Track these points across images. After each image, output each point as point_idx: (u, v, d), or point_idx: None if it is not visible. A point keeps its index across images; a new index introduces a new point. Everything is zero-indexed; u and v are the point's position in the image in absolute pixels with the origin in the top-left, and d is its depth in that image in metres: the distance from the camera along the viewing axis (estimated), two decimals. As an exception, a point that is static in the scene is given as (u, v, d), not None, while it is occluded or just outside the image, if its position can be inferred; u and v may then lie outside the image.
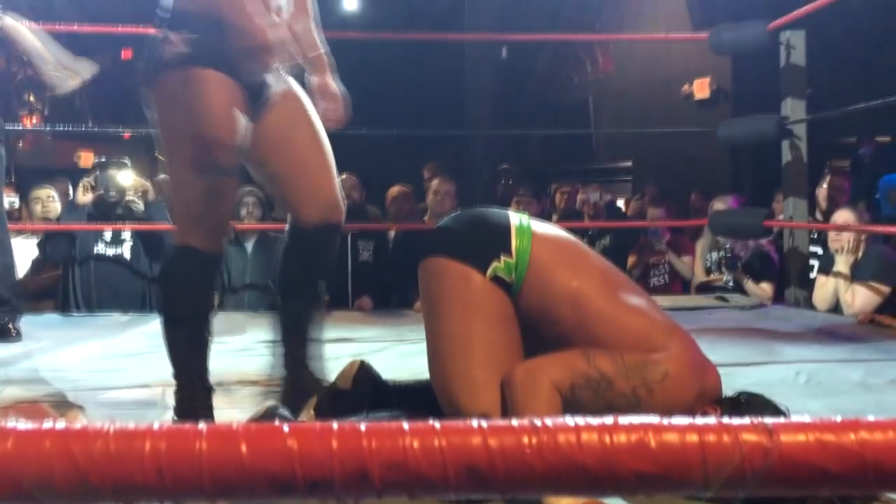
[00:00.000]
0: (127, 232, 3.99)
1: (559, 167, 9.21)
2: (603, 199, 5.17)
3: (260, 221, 4.16)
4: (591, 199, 4.96)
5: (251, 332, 3.28)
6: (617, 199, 7.36)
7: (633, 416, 0.55)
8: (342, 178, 2.35)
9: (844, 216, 3.56)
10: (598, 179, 7.79)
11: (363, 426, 0.52)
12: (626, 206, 6.51)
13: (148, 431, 0.50)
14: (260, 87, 1.85)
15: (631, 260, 4.82)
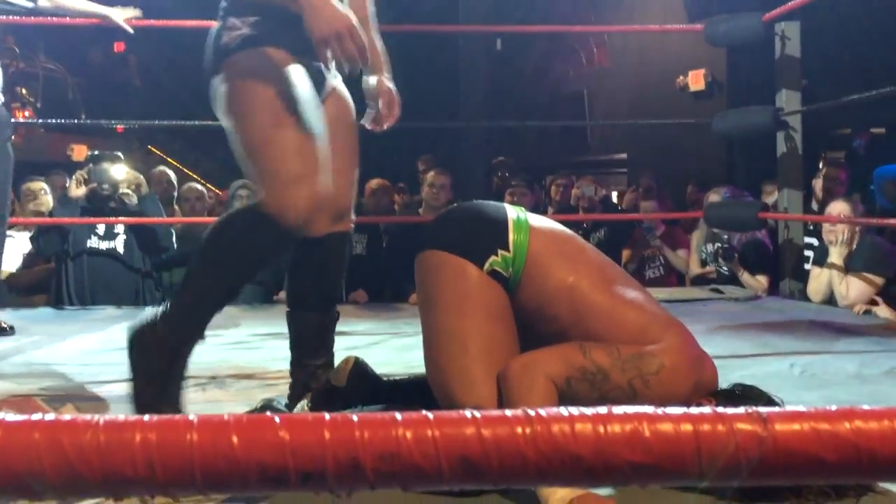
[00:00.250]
0: (120, 226, 3.98)
1: (554, 159, 9.20)
2: (598, 194, 5.11)
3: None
4: (585, 193, 4.93)
5: (246, 325, 3.28)
6: (612, 191, 7.35)
7: (627, 405, 0.54)
8: None
9: (839, 208, 3.56)
10: (593, 171, 7.79)
11: (355, 417, 0.51)
12: (619, 198, 6.49)
13: (138, 423, 0.50)
14: (320, 77, 1.77)
15: (626, 254, 4.82)
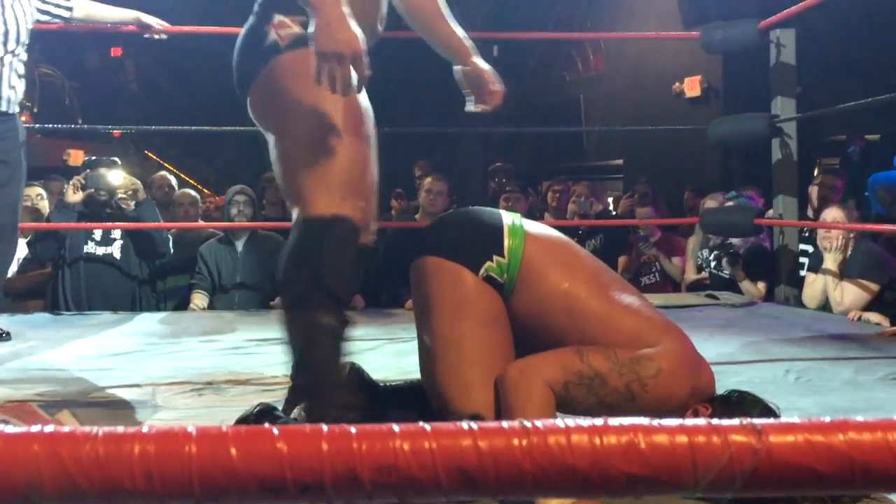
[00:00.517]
0: (117, 231, 3.98)
1: (551, 165, 9.23)
2: (594, 208, 5.05)
3: (250, 220, 4.15)
4: (581, 209, 4.87)
5: (241, 331, 3.28)
6: (608, 198, 7.35)
7: (624, 416, 0.55)
8: None
9: (834, 214, 3.57)
10: (589, 177, 7.81)
11: (353, 429, 0.52)
12: (614, 204, 6.50)
13: (137, 435, 0.50)
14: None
15: (622, 260, 4.82)
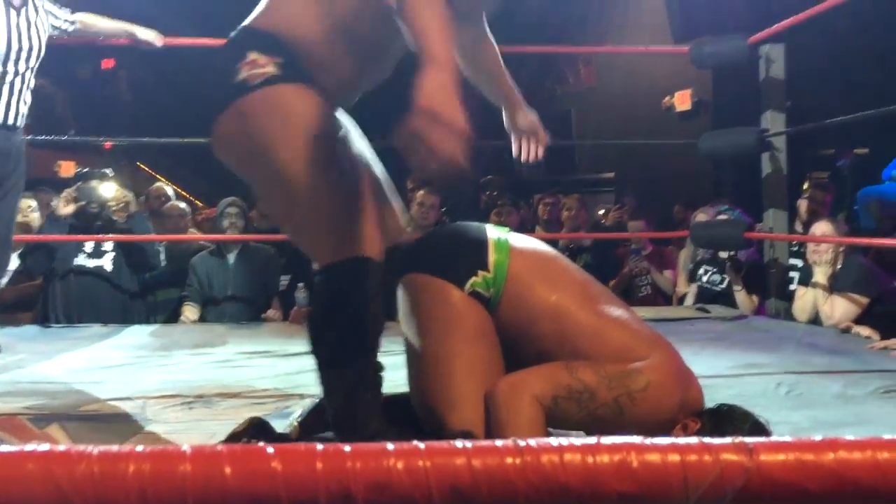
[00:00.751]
0: (108, 244, 3.96)
1: (542, 178, 9.24)
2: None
3: (242, 233, 4.15)
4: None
5: (232, 343, 3.27)
6: (598, 211, 7.36)
7: (613, 429, 0.55)
8: None
9: (823, 228, 3.59)
10: (580, 191, 7.83)
11: (347, 447, 0.52)
12: (604, 216, 6.50)
13: (132, 454, 0.50)
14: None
15: (613, 283, 4.82)
